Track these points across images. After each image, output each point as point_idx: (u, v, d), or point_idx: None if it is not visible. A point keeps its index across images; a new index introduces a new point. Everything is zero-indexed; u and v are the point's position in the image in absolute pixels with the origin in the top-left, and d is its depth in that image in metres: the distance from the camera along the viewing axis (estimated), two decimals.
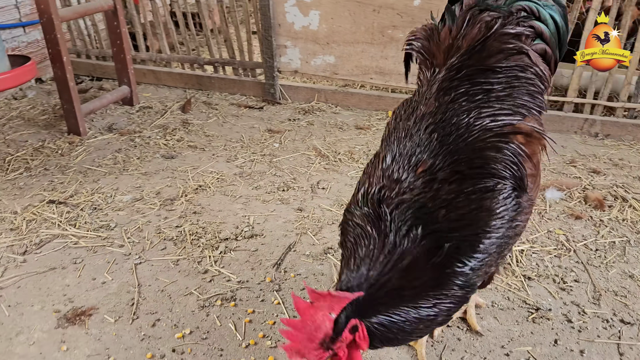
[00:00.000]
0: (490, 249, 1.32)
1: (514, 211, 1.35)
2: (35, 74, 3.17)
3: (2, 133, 3.50)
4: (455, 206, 1.30)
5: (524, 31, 1.45)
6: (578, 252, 2.23)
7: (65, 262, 2.24)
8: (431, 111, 1.42)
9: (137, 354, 1.77)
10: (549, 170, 2.88)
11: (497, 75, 1.42)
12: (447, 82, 1.44)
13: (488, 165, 1.33)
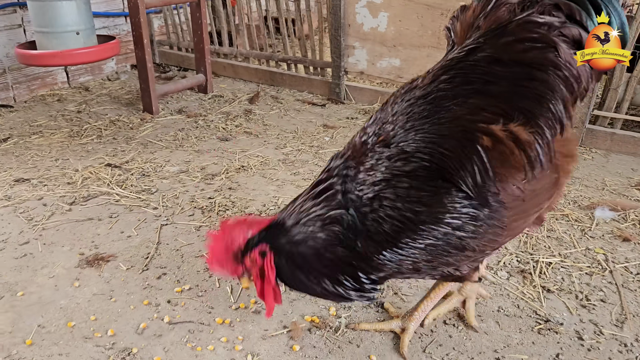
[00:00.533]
0: (408, 250, 1.27)
1: (459, 220, 1.24)
2: (118, 52, 3.49)
3: (88, 106, 3.89)
4: (388, 185, 1.28)
5: (554, 22, 1.27)
6: (615, 273, 2.01)
7: (103, 215, 2.43)
8: (424, 85, 1.38)
9: (136, 299, 1.88)
10: (608, 190, 2.63)
11: (507, 68, 1.28)
12: (451, 62, 1.37)
13: (442, 158, 1.25)
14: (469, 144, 1.23)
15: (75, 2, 3.17)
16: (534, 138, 1.23)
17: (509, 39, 1.29)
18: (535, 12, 1.29)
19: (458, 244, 1.27)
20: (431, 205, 1.24)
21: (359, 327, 1.72)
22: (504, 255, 2.11)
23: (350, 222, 1.30)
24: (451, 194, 1.24)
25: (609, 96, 3.05)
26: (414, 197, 1.25)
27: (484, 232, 1.27)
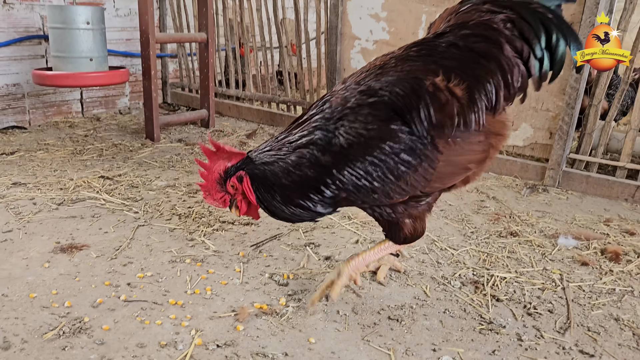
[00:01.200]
0: (356, 164, 1.57)
1: (398, 145, 1.53)
2: (126, 79, 3.76)
3: (96, 132, 4.13)
4: (353, 111, 1.59)
5: (505, 30, 1.58)
6: (567, 290, 2.04)
7: (86, 214, 2.56)
8: (399, 52, 1.72)
9: (98, 281, 1.97)
10: (576, 224, 2.68)
11: (461, 51, 1.59)
12: (422, 40, 1.72)
13: (397, 96, 1.56)
14: (417, 87, 1.55)
15: (92, 32, 3.48)
16: (467, 100, 1.53)
17: (467, 32, 1.61)
18: (495, 19, 1.60)
19: (394, 170, 1.55)
20: (380, 128, 1.55)
21: (311, 304, 1.83)
22: (460, 269, 2.16)
23: (318, 140, 1.60)
24: (397, 123, 1.54)
25: (585, 140, 3.15)
26: (369, 121, 1.56)
27: (416, 165, 1.55)
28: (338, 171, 1.58)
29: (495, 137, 1.60)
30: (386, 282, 2.02)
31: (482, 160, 1.62)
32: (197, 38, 4.04)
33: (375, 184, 1.57)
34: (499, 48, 1.56)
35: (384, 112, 1.55)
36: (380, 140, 1.54)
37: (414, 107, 1.53)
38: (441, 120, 1.52)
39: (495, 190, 3.16)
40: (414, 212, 1.72)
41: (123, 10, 4.75)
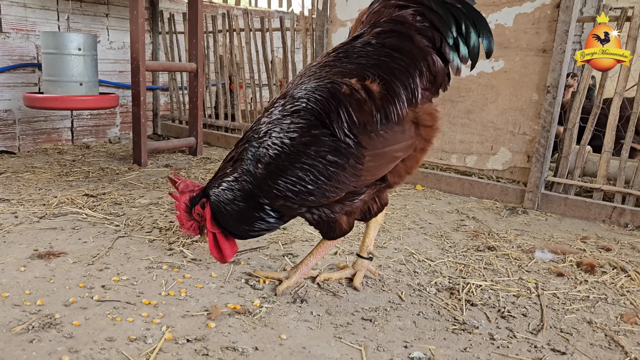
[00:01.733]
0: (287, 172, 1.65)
1: (323, 149, 1.61)
2: (116, 104, 3.84)
3: (85, 158, 4.17)
4: (277, 122, 1.68)
5: (414, 22, 1.67)
6: (542, 297, 2.05)
7: (66, 227, 2.57)
8: (320, 60, 1.79)
9: (73, 283, 1.96)
10: (553, 241, 2.71)
11: (374, 48, 1.69)
12: (340, 45, 1.79)
13: (315, 104, 1.64)
14: (334, 90, 1.61)
15: (83, 58, 3.59)
16: (384, 94, 1.61)
17: (379, 29, 1.71)
18: (404, 13, 1.69)
19: (324, 172, 1.61)
20: (302, 134, 1.61)
21: (255, 272, 2.09)
22: (437, 277, 2.17)
23: (250, 156, 1.71)
24: (318, 128, 1.61)
25: (561, 164, 3.23)
26: (292, 129, 1.62)
27: (344, 164, 1.62)
28: (273, 181, 1.67)
29: (425, 129, 1.69)
30: (362, 288, 2.03)
31: (407, 147, 1.69)
32: (187, 68, 4.16)
33: (309, 187, 1.65)
34: (410, 40, 1.65)
35: (305, 119, 1.63)
36: (305, 146, 1.62)
37: (332, 111, 1.60)
38: (361, 119, 1.60)
39: (476, 211, 3.20)
40: (349, 209, 1.82)
41: (117, 43, 4.89)
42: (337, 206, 1.78)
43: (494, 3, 3.26)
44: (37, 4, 4.25)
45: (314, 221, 1.84)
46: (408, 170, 1.78)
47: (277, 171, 1.66)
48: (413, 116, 1.67)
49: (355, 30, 1.82)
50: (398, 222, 2.92)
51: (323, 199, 1.71)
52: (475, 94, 3.43)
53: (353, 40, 1.75)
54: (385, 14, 1.72)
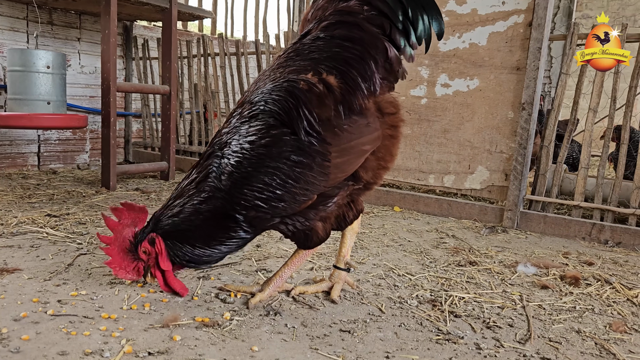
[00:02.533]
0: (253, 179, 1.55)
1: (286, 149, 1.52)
2: (84, 125, 3.71)
3: (51, 182, 4.01)
4: (236, 130, 1.60)
5: (359, 10, 1.64)
6: (527, 308, 1.96)
7: (24, 245, 2.40)
8: (272, 63, 1.76)
9: (26, 298, 1.80)
10: (535, 257, 2.65)
11: (325, 42, 1.65)
12: (291, 45, 1.76)
13: (271, 104, 1.58)
14: (291, 89, 1.55)
15: (52, 76, 3.48)
16: (342, 85, 1.55)
17: (326, 23, 1.67)
18: (349, 4, 1.65)
19: (291, 174, 1.53)
20: (262, 137, 1.54)
21: (226, 286, 1.93)
22: (418, 291, 2.07)
23: (214, 169, 1.61)
24: (277, 128, 1.54)
25: (539, 182, 3.21)
26: (251, 133, 1.55)
27: (310, 163, 1.53)
28: (239, 191, 1.56)
29: (389, 117, 1.65)
30: (340, 301, 1.91)
31: (375, 139, 1.62)
32: (160, 90, 4.08)
33: (278, 192, 1.55)
34: (359, 28, 1.61)
35: (263, 122, 1.56)
36: (266, 148, 1.53)
37: (291, 109, 1.53)
38: (323, 114, 1.53)
39: (455, 230, 3.13)
40: (324, 214, 1.72)
41: (88, 68, 4.80)
42: (310, 212, 1.68)
43: (467, 22, 3.30)
44: (6, 25, 4.16)
45: (289, 232, 1.73)
46: (382, 163, 1.70)
47: (242, 180, 1.55)
48: (375, 106, 1.62)
49: (303, 29, 1.78)
50: (376, 240, 2.82)
51: (295, 204, 1.60)
52: (451, 113, 3.42)
53: (301, 38, 1.71)
54: (330, 8, 1.69)
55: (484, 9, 3.23)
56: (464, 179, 3.41)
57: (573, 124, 3.07)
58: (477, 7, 3.25)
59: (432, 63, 3.45)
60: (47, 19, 4.39)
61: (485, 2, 3.22)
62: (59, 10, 4.49)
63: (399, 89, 3.60)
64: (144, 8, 4.12)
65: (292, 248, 2.56)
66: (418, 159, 3.56)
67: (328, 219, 1.77)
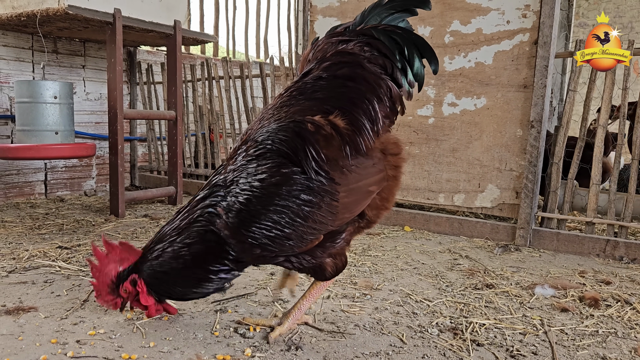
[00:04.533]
0: (261, 217, 1.52)
1: (295, 188, 1.51)
2: (91, 154, 3.71)
3: (59, 210, 4.00)
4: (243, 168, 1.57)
5: (361, 50, 1.68)
6: (549, 333, 1.94)
7: (38, 280, 2.39)
8: (273, 103, 1.75)
9: (45, 339, 1.78)
10: (551, 277, 2.63)
11: (328, 81, 1.66)
12: (292, 84, 1.76)
13: (281, 144, 1.56)
14: (298, 130, 1.56)
15: (59, 106, 3.49)
16: (349, 126, 1.56)
17: (328, 63, 1.68)
18: (349, 45, 1.68)
19: (299, 212, 1.51)
20: (272, 175, 1.52)
21: (245, 320, 1.93)
22: (437, 318, 2.05)
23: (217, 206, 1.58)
24: (287, 167, 1.52)
25: (550, 198, 3.19)
26: (260, 171, 1.54)
27: (319, 202, 1.53)
28: (247, 229, 1.53)
29: (393, 158, 1.65)
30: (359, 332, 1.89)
31: (381, 180, 1.63)
32: (166, 115, 4.09)
33: (286, 230, 1.53)
34: (362, 67, 1.64)
35: (272, 160, 1.54)
36: (276, 186, 1.52)
37: (299, 149, 1.53)
38: (331, 155, 1.54)
39: (468, 250, 3.11)
40: (333, 251, 1.70)
41: (94, 95, 4.82)
42: (317, 250, 1.65)
43: (472, 42, 3.31)
44: (12, 55, 4.18)
45: (295, 268, 1.72)
46: (384, 202, 1.70)
47: (250, 217, 1.52)
48: (380, 146, 1.63)
49: (303, 69, 1.78)
50: (390, 263, 2.81)
51: (302, 243, 1.57)
52: (459, 131, 3.42)
53: (303, 77, 1.71)
54: (331, 49, 1.71)
55: (489, 28, 3.24)
56: (474, 198, 3.40)
57: (582, 140, 3.06)
58: (482, 26, 3.26)
59: (439, 82, 3.46)
60: (52, 47, 4.41)
61: (490, 22, 3.24)
62: (63, 39, 4.52)
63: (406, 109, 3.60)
64: (148, 35, 4.14)
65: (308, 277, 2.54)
66: (427, 179, 3.55)
67: (339, 255, 1.74)
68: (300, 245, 1.57)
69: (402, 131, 3.63)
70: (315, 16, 3.90)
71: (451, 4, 3.39)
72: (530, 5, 3.07)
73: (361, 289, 2.38)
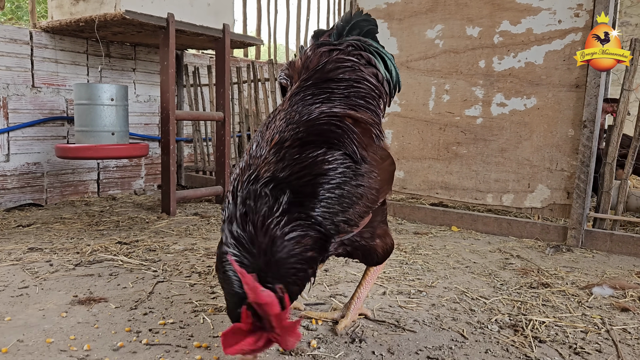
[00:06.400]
0: (326, 196, 1.55)
1: (349, 170, 1.60)
2: (146, 153, 3.85)
3: (113, 208, 4.15)
4: (297, 164, 1.57)
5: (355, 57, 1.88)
6: (612, 332, 1.93)
7: (103, 273, 2.50)
8: (284, 107, 1.79)
9: (119, 327, 1.88)
10: (607, 277, 2.59)
11: (337, 83, 1.80)
12: (297, 89, 1.83)
13: (322, 135, 1.64)
14: (339, 124, 1.66)
15: (115, 108, 3.63)
16: (373, 120, 1.77)
17: (330, 67, 1.83)
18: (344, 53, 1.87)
19: (355, 192, 1.60)
20: (329, 163, 1.58)
21: (306, 314, 1.98)
22: (495, 315, 2.06)
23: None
24: (334, 152, 1.61)
25: (603, 199, 3.15)
26: (319, 162, 1.57)
27: (368, 184, 1.64)
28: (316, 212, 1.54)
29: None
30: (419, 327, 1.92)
31: (393, 162, 1.82)
32: (215, 117, 4.20)
33: (348, 215, 1.61)
34: (362, 71, 1.84)
35: (318, 147, 1.60)
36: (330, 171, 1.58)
37: (345, 140, 1.64)
38: (367, 143, 1.70)
39: (518, 250, 3.09)
40: (379, 231, 1.83)
41: (143, 97, 4.98)
42: (366, 232, 1.77)
43: (522, 42, 3.30)
44: (68, 59, 4.36)
45: (347, 254, 1.79)
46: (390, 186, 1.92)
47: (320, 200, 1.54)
48: None
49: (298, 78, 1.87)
50: (441, 262, 2.82)
51: (358, 222, 1.67)
52: (508, 132, 3.40)
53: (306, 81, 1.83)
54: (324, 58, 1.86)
55: (539, 28, 3.22)
56: (523, 198, 3.38)
57: (638, 140, 3.01)
58: (532, 26, 3.25)
59: (487, 83, 3.46)
60: (105, 51, 4.58)
61: (541, 22, 3.22)
62: (115, 43, 4.69)
63: (454, 110, 3.62)
64: (197, 38, 4.26)
65: (361, 271, 2.58)
66: (475, 178, 3.55)
67: (385, 236, 1.86)
68: (357, 224, 1.66)
69: (450, 131, 3.63)
70: None
71: (500, 4, 3.38)
72: (582, 5, 3.04)
73: (415, 286, 2.40)
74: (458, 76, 3.59)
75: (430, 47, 3.72)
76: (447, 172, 3.67)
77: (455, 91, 3.61)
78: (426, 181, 3.77)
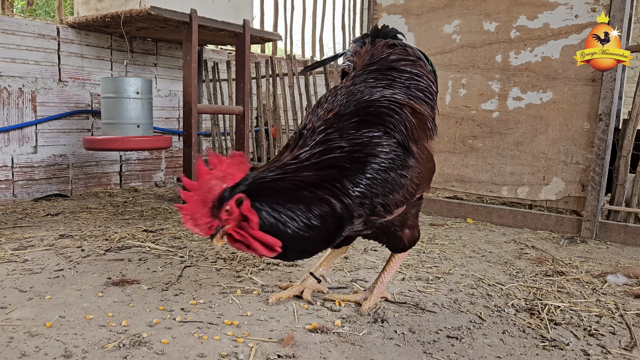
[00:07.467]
0: (372, 176, 1.63)
1: (398, 158, 1.68)
2: (168, 145, 3.96)
3: (136, 199, 4.27)
4: (351, 136, 1.67)
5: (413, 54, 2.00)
6: (625, 316, 1.99)
7: (133, 258, 2.61)
8: (347, 85, 1.90)
9: (152, 307, 1.98)
10: (621, 267, 2.65)
11: (400, 73, 1.90)
12: (361, 71, 1.93)
13: (380, 117, 1.72)
14: (398, 109, 1.74)
15: (140, 101, 3.74)
16: (429, 114, 1.85)
17: (394, 57, 1.93)
18: (404, 48, 1.98)
19: (399, 181, 1.68)
20: (383, 146, 1.69)
21: (329, 296, 2.06)
22: (512, 300, 2.14)
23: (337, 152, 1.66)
24: (388, 137, 1.70)
25: (617, 192, 3.20)
26: (373, 143, 1.67)
27: (411, 177, 1.73)
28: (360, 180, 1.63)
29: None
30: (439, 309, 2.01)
31: (434, 164, 1.90)
32: (235, 110, 4.30)
33: (388, 199, 1.70)
34: (420, 64, 1.95)
35: (373, 128, 1.70)
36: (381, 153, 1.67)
37: (400, 127, 1.72)
38: (418, 136, 1.76)
39: (533, 241, 3.16)
40: (410, 222, 1.90)
41: (164, 91, 5.09)
42: (397, 221, 1.84)
43: (539, 37, 3.35)
44: (93, 54, 4.49)
45: (375, 237, 1.90)
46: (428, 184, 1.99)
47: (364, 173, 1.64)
48: None
49: (362, 63, 1.97)
50: (457, 251, 2.90)
51: (393, 210, 1.75)
52: (524, 125, 3.46)
53: (369, 66, 1.92)
54: (386, 49, 1.95)
55: (556, 22, 3.28)
56: (538, 190, 3.44)
57: None
58: (549, 21, 3.30)
59: (504, 77, 3.52)
60: (129, 46, 4.70)
61: (558, 16, 3.27)
62: (138, 39, 4.81)
63: (470, 104, 3.68)
64: (218, 34, 4.36)
65: (380, 259, 2.67)
66: (490, 172, 3.61)
67: (414, 228, 1.95)
68: (391, 211, 1.75)
69: (466, 125, 3.70)
70: (379, 14, 4.02)
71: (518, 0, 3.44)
72: (599, 0, 3.09)
73: (433, 273, 2.48)
74: (475, 70, 3.66)
75: (447, 42, 3.78)
76: (462, 165, 3.74)
77: (471, 85, 3.68)
78: (442, 174, 3.84)
